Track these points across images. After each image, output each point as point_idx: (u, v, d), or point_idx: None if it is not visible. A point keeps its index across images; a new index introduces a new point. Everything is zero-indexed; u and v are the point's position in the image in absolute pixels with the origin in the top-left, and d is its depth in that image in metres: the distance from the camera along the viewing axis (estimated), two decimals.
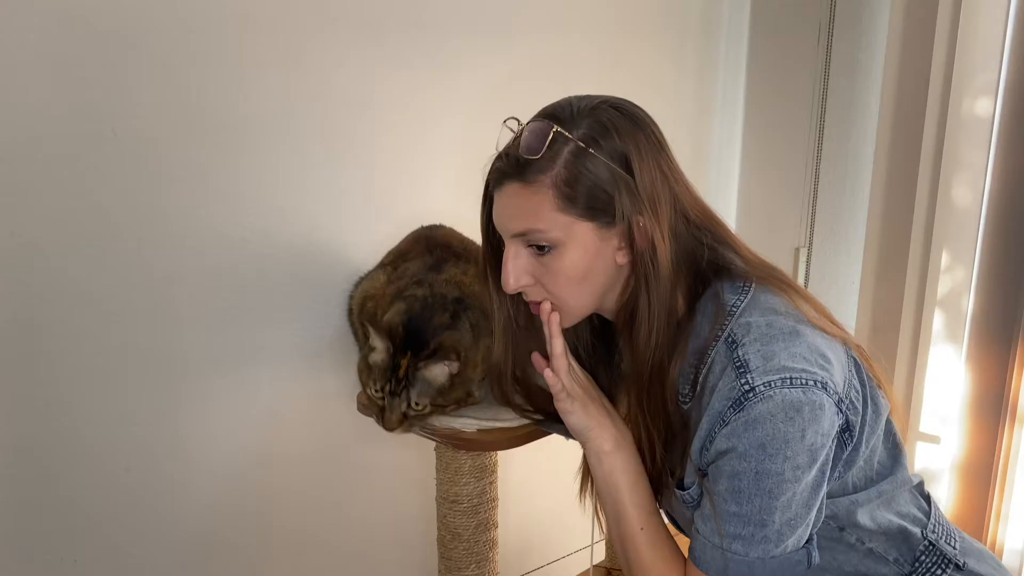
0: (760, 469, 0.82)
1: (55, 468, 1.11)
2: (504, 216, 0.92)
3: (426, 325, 1.10)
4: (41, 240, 1.06)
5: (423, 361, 1.07)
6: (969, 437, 1.88)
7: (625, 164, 0.88)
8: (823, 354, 0.86)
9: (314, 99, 1.28)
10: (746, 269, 0.95)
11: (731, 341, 0.88)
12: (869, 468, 0.95)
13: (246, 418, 1.29)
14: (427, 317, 1.11)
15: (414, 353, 1.08)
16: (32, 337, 1.07)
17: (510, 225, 0.91)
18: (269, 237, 1.27)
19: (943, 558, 0.97)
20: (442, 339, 1.09)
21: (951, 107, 1.77)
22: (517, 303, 1.01)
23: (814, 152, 2.10)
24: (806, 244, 2.17)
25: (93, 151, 1.08)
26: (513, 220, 0.90)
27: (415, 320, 1.10)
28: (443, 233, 1.31)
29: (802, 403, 0.81)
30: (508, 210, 0.91)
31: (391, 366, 1.08)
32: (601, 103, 0.90)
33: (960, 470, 1.91)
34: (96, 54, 1.06)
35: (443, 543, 1.19)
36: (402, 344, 1.08)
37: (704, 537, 0.88)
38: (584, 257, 0.90)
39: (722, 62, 2.10)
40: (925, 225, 1.86)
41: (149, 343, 1.17)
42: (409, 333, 1.09)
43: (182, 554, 1.26)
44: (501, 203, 0.92)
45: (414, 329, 1.09)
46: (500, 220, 0.93)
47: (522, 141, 0.89)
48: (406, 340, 1.08)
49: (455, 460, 1.14)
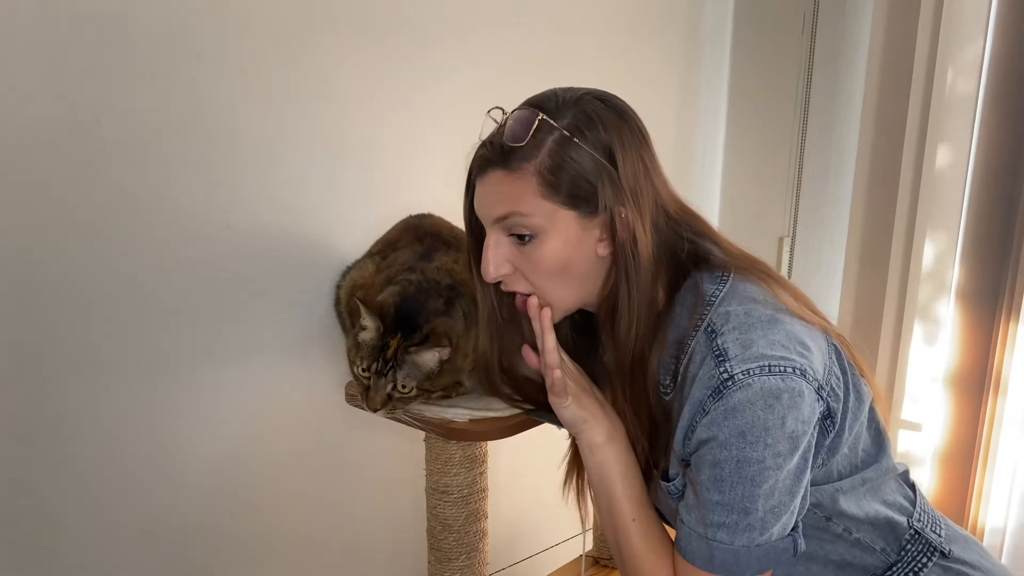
0: (741, 457, 0.83)
1: (40, 461, 1.10)
2: (486, 203, 0.92)
3: (420, 308, 1.09)
4: (20, 231, 1.04)
5: (415, 346, 1.07)
6: (952, 418, 1.91)
7: (609, 155, 0.88)
8: (802, 341, 0.87)
9: (304, 90, 1.27)
10: (725, 259, 0.96)
11: (710, 330, 0.89)
12: (853, 455, 0.96)
13: (233, 411, 1.29)
14: (421, 300, 1.10)
15: (405, 336, 1.07)
16: (11, 330, 1.06)
17: (492, 210, 0.91)
18: (255, 227, 1.26)
19: (929, 546, 0.98)
20: (435, 324, 1.08)
21: (935, 93, 1.79)
22: (501, 294, 1.01)
23: (798, 141, 2.11)
24: (790, 233, 2.18)
25: (76, 140, 1.07)
26: (495, 206, 0.91)
27: (408, 302, 1.10)
28: (432, 222, 1.30)
29: (781, 390, 0.82)
30: (490, 197, 0.91)
31: (380, 346, 1.08)
32: (586, 94, 0.91)
33: (942, 454, 1.93)
34: (80, 40, 1.04)
35: (433, 534, 1.20)
36: (393, 325, 1.08)
37: (689, 527, 0.89)
38: (565, 246, 0.90)
39: (706, 51, 2.11)
40: (908, 213, 1.88)
41: (133, 335, 1.15)
42: (401, 315, 1.08)
43: (168, 549, 1.25)
44: (484, 190, 0.92)
45: (407, 311, 1.09)
46: (482, 207, 0.93)
47: (507, 129, 0.89)
48: (397, 322, 1.08)
49: (445, 450, 1.14)
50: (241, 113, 1.21)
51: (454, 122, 1.45)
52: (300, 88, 1.27)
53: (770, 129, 2.16)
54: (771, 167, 2.18)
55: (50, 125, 1.04)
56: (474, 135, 0.95)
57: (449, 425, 1.08)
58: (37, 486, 1.11)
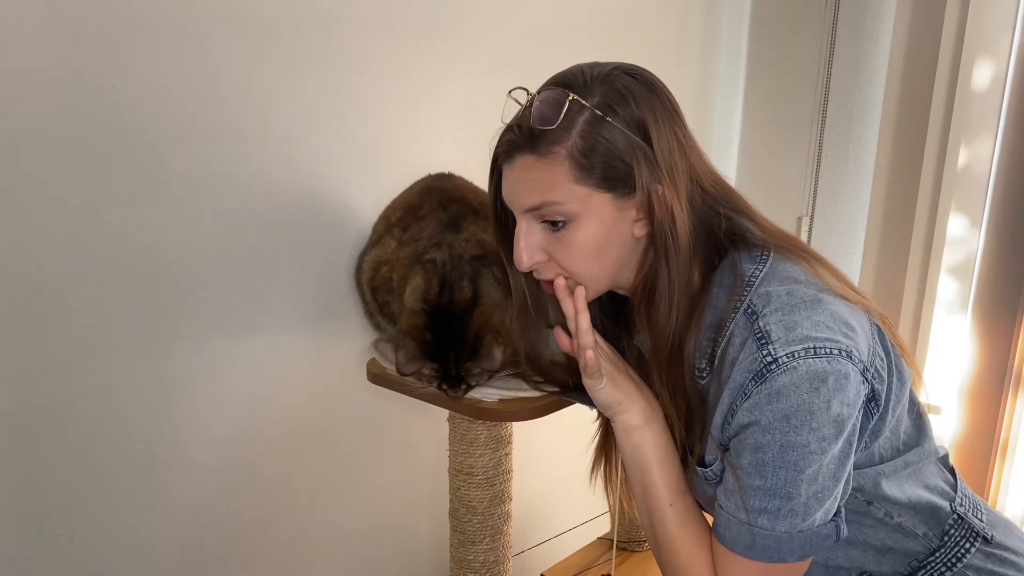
0: (785, 441, 0.81)
1: (48, 441, 1.07)
2: (516, 191, 0.88)
3: (451, 314, 1.04)
4: (31, 196, 1.01)
5: (470, 361, 1.03)
6: (972, 406, 1.88)
7: (642, 132, 0.85)
8: (846, 322, 0.85)
9: (320, 51, 1.23)
10: (764, 237, 0.92)
11: (751, 312, 0.86)
12: (895, 438, 0.94)
13: (247, 387, 1.26)
14: (448, 301, 1.04)
15: (456, 354, 1.03)
16: (22, 303, 1.03)
17: (523, 199, 0.87)
18: (270, 196, 1.22)
19: (971, 531, 0.96)
20: (476, 326, 1.03)
21: (960, 81, 1.75)
22: (529, 281, 0.98)
23: (818, 118, 2.07)
24: (808, 213, 2.15)
25: (92, 107, 1.03)
26: (526, 194, 0.87)
27: (438, 316, 1.04)
28: (455, 184, 1.23)
29: (827, 373, 0.80)
30: (521, 184, 0.87)
31: (442, 376, 1.05)
32: (614, 69, 0.87)
33: (962, 439, 1.91)
34: (93, 5, 1.01)
35: (456, 516, 1.17)
36: (438, 352, 1.04)
37: (728, 513, 0.87)
38: (601, 230, 0.87)
39: (725, 27, 2.07)
40: (932, 192, 1.84)
41: (144, 309, 1.12)
42: (440, 334, 1.03)
43: (182, 527, 1.23)
44: (513, 177, 0.88)
45: (442, 327, 1.04)
46: (512, 195, 0.89)
47: (534, 111, 0.85)
48: (439, 344, 1.03)
49: (471, 431, 1.12)
50: (254, 81, 1.17)
51: (468, 82, 1.41)
52: (319, 48, 1.22)
53: (789, 106, 2.12)
54: (790, 145, 2.14)
55: (65, 90, 1.01)
56: (487, 93, 0.91)
57: (478, 405, 1.04)
58: (43, 463, 1.08)
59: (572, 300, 0.91)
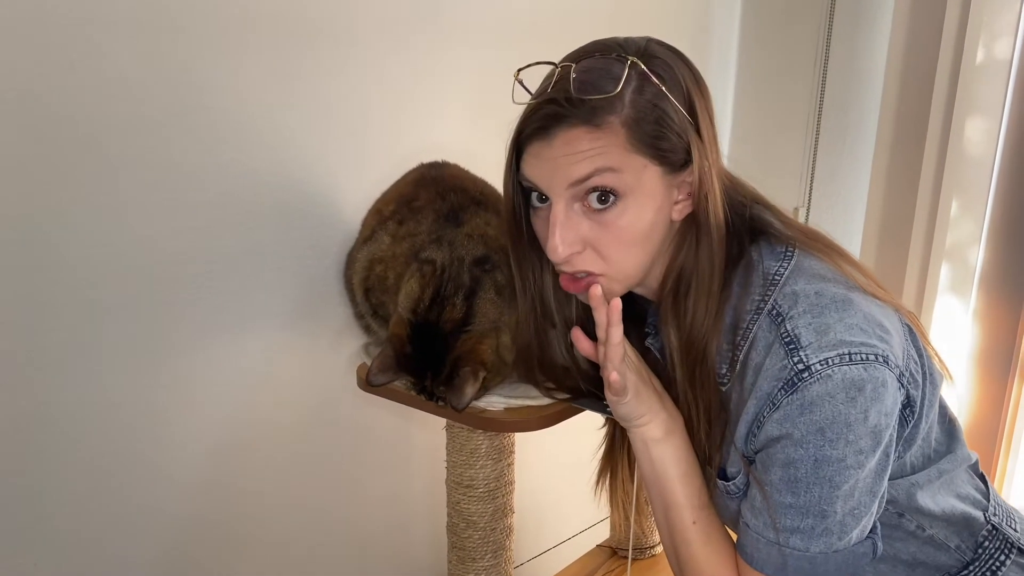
0: (819, 456, 0.75)
1: (29, 451, 1.00)
2: (558, 166, 0.78)
3: (436, 333, 0.96)
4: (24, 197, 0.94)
5: (443, 386, 0.96)
6: (975, 394, 1.85)
7: (688, 105, 0.79)
8: (880, 324, 0.78)
9: (302, 39, 1.14)
10: (787, 232, 0.86)
11: (775, 313, 0.80)
12: (927, 446, 0.89)
13: (232, 391, 1.18)
14: (436, 319, 0.97)
15: (434, 372, 0.96)
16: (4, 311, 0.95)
17: (571, 172, 0.77)
18: (255, 189, 1.14)
19: (1007, 542, 0.91)
20: (459, 352, 0.95)
21: (964, 59, 1.69)
22: (542, 283, 0.91)
23: (815, 105, 2.01)
24: (804, 204, 2.09)
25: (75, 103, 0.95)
26: (575, 165, 0.77)
27: (423, 330, 0.97)
28: (451, 173, 1.14)
29: (864, 381, 0.74)
30: (567, 157, 0.77)
31: (419, 389, 0.99)
32: (650, 41, 0.81)
33: (965, 427, 1.88)
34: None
35: (455, 531, 1.10)
36: (415, 366, 0.98)
37: (756, 532, 0.81)
38: (650, 209, 0.79)
39: (717, 10, 2.00)
40: (934, 177, 1.78)
41: (125, 305, 1.05)
42: (419, 353, 0.97)
43: (165, 536, 1.16)
44: (551, 154, 0.78)
45: (425, 343, 0.97)
46: (550, 172, 0.79)
47: (577, 81, 0.76)
48: (417, 359, 0.97)
49: (471, 441, 1.04)
50: (239, 73, 1.09)
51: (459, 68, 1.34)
52: (293, 41, 1.14)
53: (785, 90, 2.05)
54: (785, 133, 2.07)
55: (53, 86, 0.93)
56: (480, 79, 0.83)
57: (481, 415, 0.97)
58: (31, 471, 1.02)
59: (606, 310, 0.82)
